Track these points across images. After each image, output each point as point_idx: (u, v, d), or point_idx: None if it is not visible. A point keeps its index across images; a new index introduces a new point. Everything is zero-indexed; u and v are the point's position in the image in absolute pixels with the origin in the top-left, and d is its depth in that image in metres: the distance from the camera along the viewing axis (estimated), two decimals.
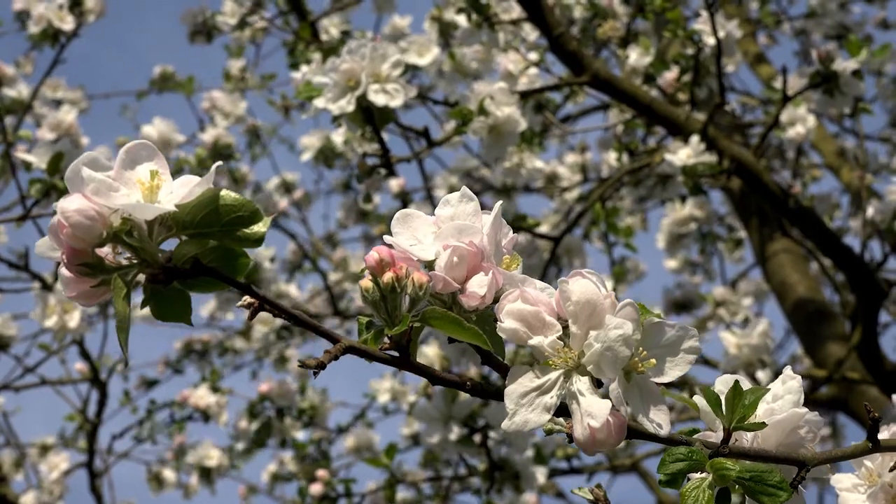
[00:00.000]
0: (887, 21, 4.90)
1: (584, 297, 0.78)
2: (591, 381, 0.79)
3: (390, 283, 0.77)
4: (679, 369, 0.82)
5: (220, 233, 0.72)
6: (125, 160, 0.73)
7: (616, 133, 3.37)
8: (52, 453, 4.10)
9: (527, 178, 2.90)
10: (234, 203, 0.72)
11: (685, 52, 2.79)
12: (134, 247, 0.71)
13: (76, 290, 0.72)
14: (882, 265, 2.94)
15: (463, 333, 0.76)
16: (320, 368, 0.73)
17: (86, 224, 0.69)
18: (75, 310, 2.50)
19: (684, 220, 3.47)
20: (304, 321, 0.75)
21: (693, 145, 2.59)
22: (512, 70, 2.70)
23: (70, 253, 0.70)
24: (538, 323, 0.79)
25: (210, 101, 4.01)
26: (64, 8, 2.87)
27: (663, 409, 0.80)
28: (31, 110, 3.16)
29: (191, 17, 3.81)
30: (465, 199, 0.85)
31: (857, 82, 2.52)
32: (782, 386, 0.93)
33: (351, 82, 1.97)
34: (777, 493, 0.83)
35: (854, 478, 1.02)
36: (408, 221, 0.84)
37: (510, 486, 2.65)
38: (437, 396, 2.57)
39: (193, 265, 0.72)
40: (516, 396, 0.78)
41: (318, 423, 3.95)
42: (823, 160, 4.30)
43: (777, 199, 2.74)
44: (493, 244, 0.82)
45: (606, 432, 0.76)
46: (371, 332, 0.78)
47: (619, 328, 0.77)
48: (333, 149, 3.20)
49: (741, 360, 2.97)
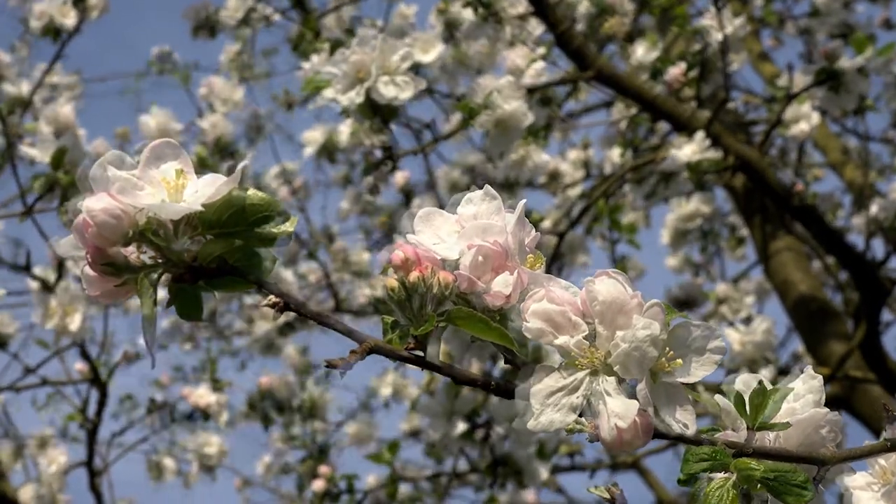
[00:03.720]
0: (890, 21, 4.89)
1: (610, 297, 0.78)
2: (617, 381, 0.78)
3: (417, 283, 0.76)
4: (704, 369, 0.81)
5: (246, 232, 0.71)
6: (150, 158, 0.72)
7: (620, 129, 3.37)
8: (51, 447, 4.08)
9: (531, 173, 2.89)
10: (260, 203, 0.71)
11: (691, 48, 2.79)
12: (159, 246, 0.70)
13: (100, 289, 0.71)
14: (885, 263, 2.95)
15: (489, 333, 0.76)
16: (347, 369, 0.73)
17: (111, 223, 0.68)
18: (76, 312, 2.46)
19: (690, 215, 3.46)
20: (328, 322, 0.75)
21: (698, 141, 2.59)
22: (520, 64, 2.69)
23: (95, 252, 0.69)
24: (564, 322, 0.78)
25: (208, 88, 3.98)
26: (67, 3, 2.85)
27: (689, 409, 0.80)
28: (31, 106, 3.14)
29: (193, 12, 3.80)
30: (488, 197, 0.84)
31: (862, 79, 2.52)
32: (803, 385, 0.93)
33: (360, 74, 1.96)
34: (802, 493, 0.82)
35: (867, 476, 1.01)
36: (430, 220, 0.83)
37: (513, 481, 2.65)
38: (440, 392, 2.57)
39: (219, 265, 0.71)
40: (542, 396, 0.78)
41: (318, 417, 3.95)
42: (827, 159, 4.30)
43: (781, 196, 2.74)
44: (516, 243, 0.81)
45: (634, 433, 0.76)
46: (396, 332, 0.77)
47: (646, 328, 0.76)
48: (336, 144, 3.19)
49: (745, 358, 2.97)
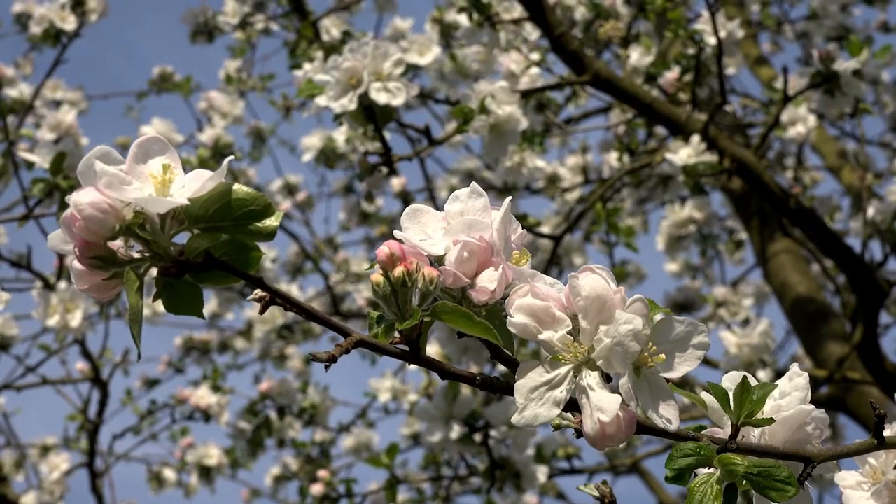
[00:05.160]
0: (888, 24, 4.91)
1: (594, 293, 0.78)
2: (600, 375, 0.79)
3: (401, 278, 0.77)
4: (688, 365, 0.82)
5: (233, 226, 0.72)
6: (137, 154, 0.73)
7: (617, 133, 3.38)
8: (53, 454, 4.10)
9: (528, 178, 2.90)
10: (246, 197, 0.72)
11: (686, 52, 2.80)
12: (146, 240, 0.71)
13: (88, 282, 0.72)
14: (882, 265, 2.95)
15: (473, 328, 0.77)
16: (332, 362, 0.74)
17: (99, 217, 0.69)
18: (77, 309, 2.49)
19: (683, 221, 3.47)
20: (315, 315, 0.76)
21: (694, 145, 2.59)
22: (514, 69, 2.70)
23: (82, 246, 0.70)
24: (548, 318, 0.79)
25: (207, 102, 4.01)
26: (66, 8, 2.87)
27: (672, 404, 0.81)
28: (33, 110, 3.16)
29: (192, 16, 3.81)
30: (474, 194, 0.85)
31: (857, 82, 2.53)
32: (789, 383, 0.93)
33: (353, 80, 1.98)
34: (785, 489, 0.83)
35: (858, 475, 1.02)
36: (417, 216, 0.85)
37: (511, 484, 2.65)
38: (437, 395, 2.57)
39: (205, 259, 0.72)
40: (526, 391, 0.79)
41: (318, 422, 3.95)
42: (824, 162, 4.31)
43: (778, 198, 2.75)
44: (502, 240, 0.82)
45: (616, 427, 0.77)
46: (382, 327, 0.78)
47: (628, 323, 0.77)
48: (335, 149, 3.20)
49: (742, 360, 2.97)
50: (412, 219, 0.84)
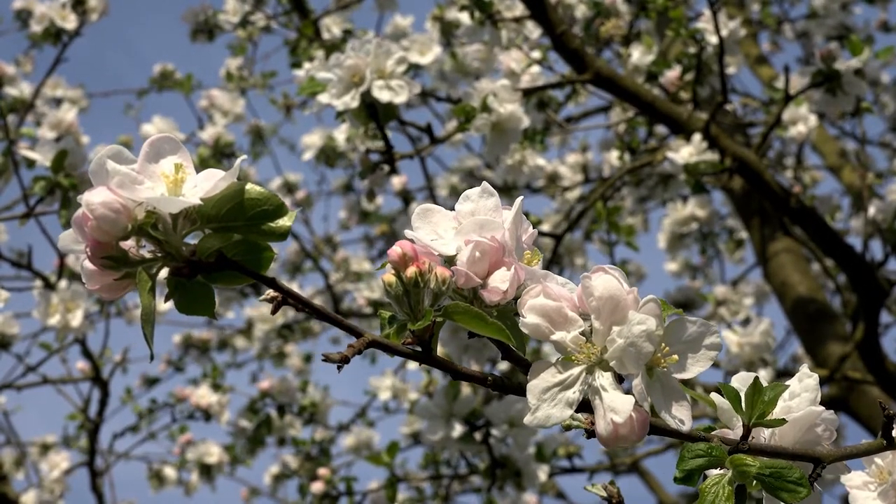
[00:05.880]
0: (888, 24, 4.91)
1: (607, 293, 0.78)
2: (613, 376, 0.78)
3: (413, 278, 0.77)
4: (700, 365, 0.82)
5: (245, 226, 0.72)
6: (149, 153, 0.72)
7: (618, 132, 3.38)
8: (53, 452, 4.09)
9: (528, 177, 2.90)
10: (259, 197, 0.71)
11: (688, 50, 2.79)
12: (158, 240, 0.71)
13: (99, 282, 0.71)
14: (883, 264, 2.95)
15: (486, 328, 0.76)
16: (344, 362, 0.73)
17: (111, 217, 0.69)
18: (78, 308, 2.49)
19: (685, 219, 3.47)
20: (327, 315, 0.75)
21: (695, 143, 2.59)
22: (515, 68, 2.70)
23: (94, 246, 0.70)
24: (560, 318, 0.79)
25: (208, 100, 4.01)
26: (66, 6, 2.86)
27: (685, 405, 0.80)
28: (34, 109, 3.15)
29: (192, 15, 3.81)
30: (485, 194, 0.84)
31: (859, 81, 2.52)
32: (799, 384, 0.93)
33: (355, 78, 1.97)
34: (797, 490, 0.82)
35: (864, 475, 1.01)
36: (428, 216, 0.84)
37: (512, 483, 2.65)
38: (438, 394, 2.57)
39: (218, 259, 0.72)
40: (538, 391, 0.78)
41: (318, 421, 3.95)
42: (825, 161, 4.31)
43: (779, 197, 2.75)
44: (514, 239, 0.82)
45: (629, 427, 0.76)
46: (394, 327, 0.77)
47: (642, 324, 0.76)
48: (335, 148, 3.20)
49: (742, 359, 2.97)
50: (423, 218, 0.84)
